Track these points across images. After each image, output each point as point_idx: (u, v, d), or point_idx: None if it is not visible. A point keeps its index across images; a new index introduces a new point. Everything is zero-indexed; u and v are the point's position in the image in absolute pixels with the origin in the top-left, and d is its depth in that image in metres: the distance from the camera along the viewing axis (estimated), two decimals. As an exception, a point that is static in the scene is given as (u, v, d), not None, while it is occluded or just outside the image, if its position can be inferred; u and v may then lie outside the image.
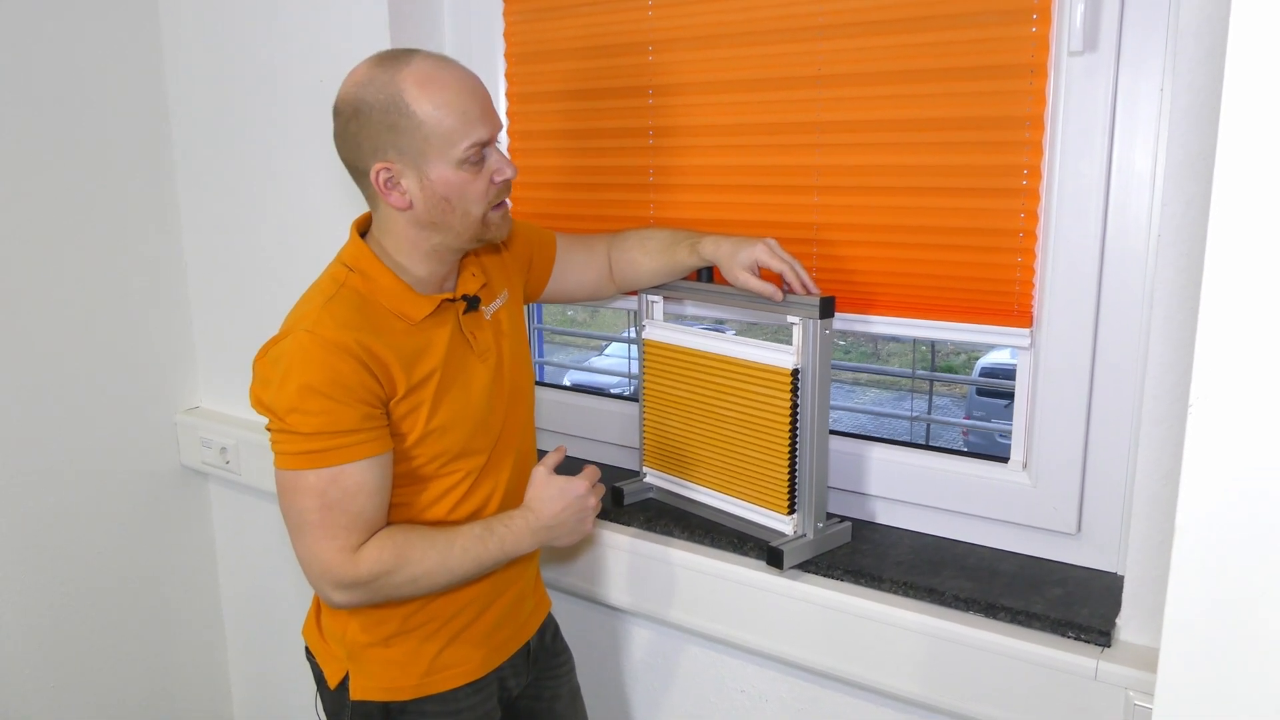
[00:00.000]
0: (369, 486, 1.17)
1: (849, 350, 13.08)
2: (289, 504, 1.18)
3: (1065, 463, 1.31)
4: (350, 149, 1.20)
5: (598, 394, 1.81)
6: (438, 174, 1.17)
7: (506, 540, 1.25)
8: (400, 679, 1.30)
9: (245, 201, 2.00)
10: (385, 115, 1.15)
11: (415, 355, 1.21)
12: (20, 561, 1.93)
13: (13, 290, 1.86)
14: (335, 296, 1.18)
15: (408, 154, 1.16)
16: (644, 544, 1.50)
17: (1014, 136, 1.27)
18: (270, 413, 1.16)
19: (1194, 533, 0.72)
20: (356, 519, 1.17)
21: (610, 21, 1.58)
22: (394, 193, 1.19)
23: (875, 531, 1.46)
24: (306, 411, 1.13)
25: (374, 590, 1.19)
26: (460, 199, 1.19)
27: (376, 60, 1.19)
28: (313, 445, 1.14)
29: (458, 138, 1.16)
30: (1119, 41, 1.19)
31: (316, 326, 1.15)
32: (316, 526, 1.16)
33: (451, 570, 1.22)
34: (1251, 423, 0.69)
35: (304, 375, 1.13)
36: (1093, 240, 1.24)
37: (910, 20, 1.31)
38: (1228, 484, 0.70)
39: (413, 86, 1.15)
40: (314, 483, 1.15)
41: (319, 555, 1.17)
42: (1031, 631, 1.22)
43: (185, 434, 2.15)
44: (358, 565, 1.17)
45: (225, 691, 2.36)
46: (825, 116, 1.41)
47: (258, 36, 1.88)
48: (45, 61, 1.86)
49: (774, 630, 1.39)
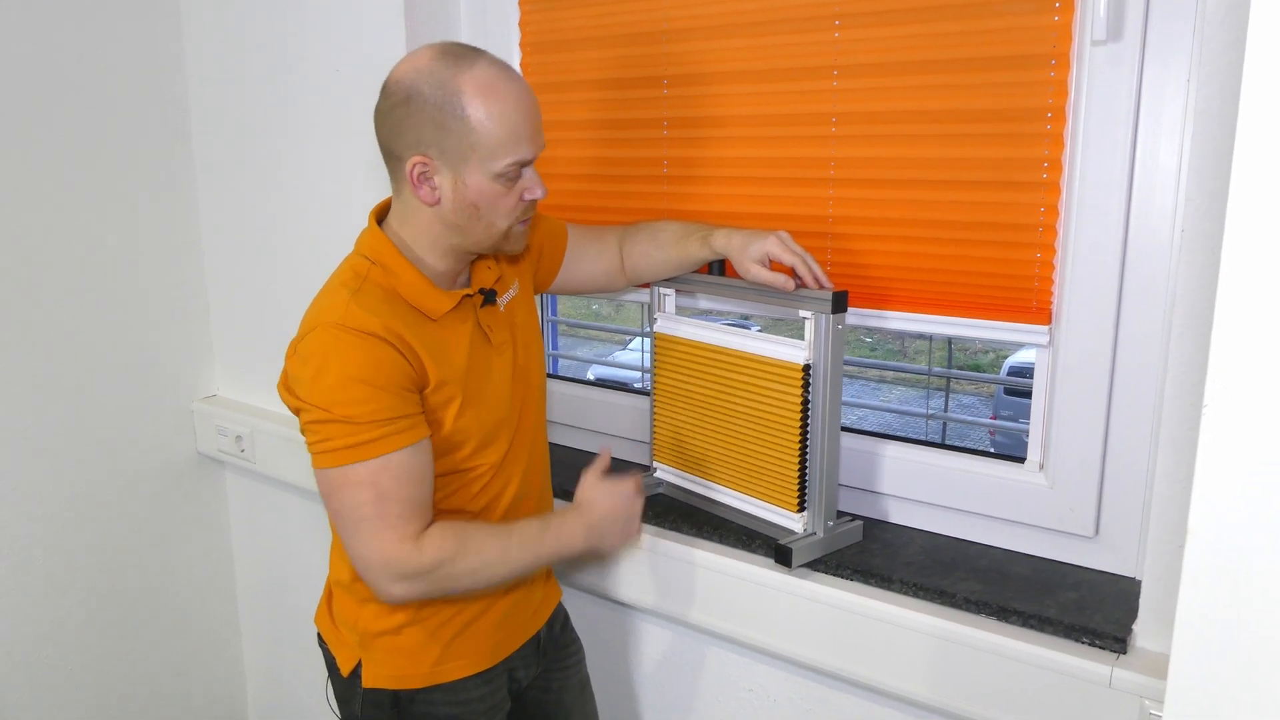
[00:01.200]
0: (418, 472, 1.16)
1: (875, 347, 12.99)
2: (340, 501, 1.15)
3: (1083, 464, 1.28)
4: (391, 131, 1.17)
5: (609, 387, 1.79)
6: (473, 181, 1.16)
7: (562, 536, 1.25)
8: (410, 668, 1.29)
9: (262, 191, 2.00)
10: (436, 112, 1.13)
11: (442, 350, 1.20)
12: (36, 547, 1.94)
13: (32, 278, 1.87)
14: (360, 289, 1.17)
15: (448, 154, 1.15)
16: (653, 539, 1.48)
17: (1034, 129, 1.24)
18: (311, 408, 1.13)
19: (1207, 537, 0.69)
20: (410, 506, 1.15)
21: (625, 11, 1.56)
22: (424, 187, 1.17)
23: (887, 531, 1.44)
24: (348, 403, 1.11)
25: (436, 580, 1.17)
26: (489, 209, 1.18)
27: (441, 52, 1.16)
28: (358, 437, 1.12)
29: (503, 152, 1.15)
30: (1144, 30, 1.15)
31: (347, 318, 1.13)
32: (374, 519, 1.14)
33: (510, 563, 1.21)
34: (1268, 425, 0.66)
35: (343, 367, 1.11)
36: (1114, 236, 1.21)
37: (928, 9, 1.28)
38: (1242, 487, 0.67)
39: (472, 91, 1.13)
40: (364, 475, 1.13)
41: (380, 548, 1.14)
42: (1044, 636, 1.19)
43: (202, 422, 2.16)
44: (422, 553, 1.15)
45: (239, 678, 2.37)
46: (841, 108, 1.38)
47: (274, 26, 1.88)
48: (68, 52, 1.86)
49: (782, 629, 1.37)
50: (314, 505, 2.07)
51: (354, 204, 1.82)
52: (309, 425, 1.15)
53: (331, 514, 1.18)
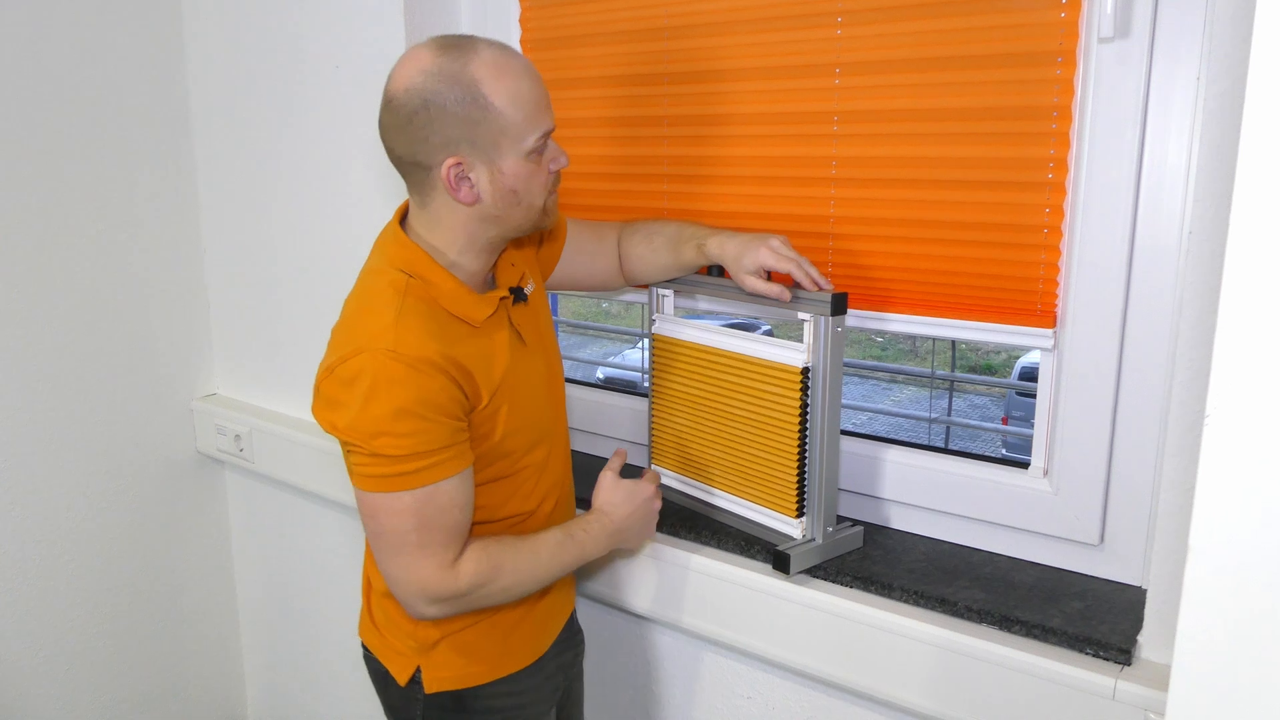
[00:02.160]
0: (460, 500, 1.15)
1: (886, 347, 12.94)
2: (381, 524, 1.14)
3: (1088, 470, 1.25)
4: (414, 143, 1.12)
5: (608, 389, 1.77)
6: (509, 166, 1.13)
7: (586, 544, 1.26)
8: (475, 665, 1.29)
9: (263, 189, 1.98)
10: (460, 108, 1.09)
11: (488, 360, 1.19)
12: (35, 544, 1.93)
13: (32, 276, 1.86)
14: (405, 309, 1.13)
15: (481, 147, 1.11)
16: (651, 544, 1.46)
17: (1040, 128, 1.21)
18: (350, 436, 1.11)
19: (1209, 552, 0.67)
20: (451, 533, 1.15)
21: (626, 8, 1.54)
22: (463, 188, 1.14)
23: (889, 537, 1.41)
24: (398, 434, 1.09)
25: (470, 602, 1.19)
26: (527, 190, 1.17)
27: (438, 48, 1.11)
28: (406, 467, 1.10)
29: (530, 128, 1.13)
30: (1153, 28, 1.13)
31: (397, 344, 1.09)
32: (415, 546, 1.14)
33: (539, 578, 1.23)
34: (1271, 436, 0.63)
35: (393, 398, 1.08)
36: (1121, 238, 1.18)
37: (932, 5, 1.26)
38: (1245, 500, 0.65)
39: (487, 77, 1.10)
40: (409, 503, 1.12)
41: (418, 574, 1.15)
42: (1048, 646, 1.16)
43: (201, 420, 2.15)
44: (458, 579, 1.16)
45: (238, 677, 2.36)
46: (843, 106, 1.36)
47: (275, 23, 1.86)
48: (68, 49, 1.85)
49: (781, 637, 1.35)
50: (312, 504, 2.06)
51: (355, 201, 1.80)
52: (352, 449, 1.13)
53: (370, 534, 1.17)
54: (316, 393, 1.15)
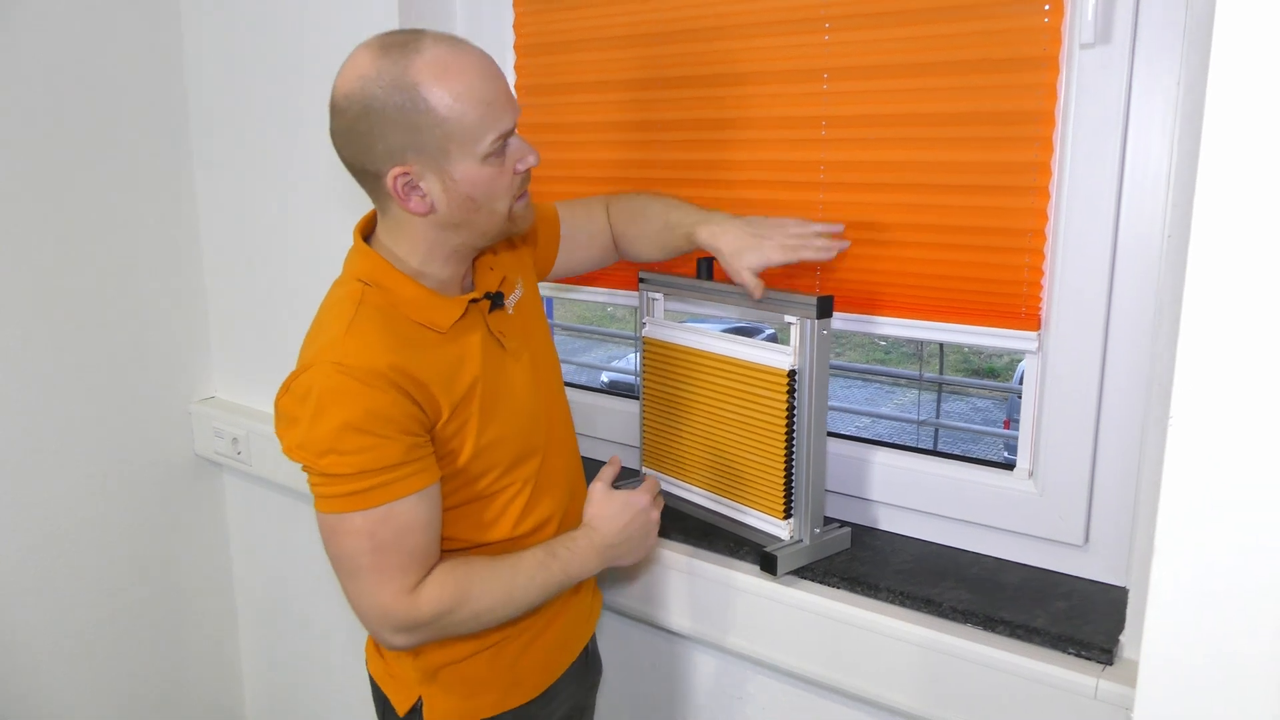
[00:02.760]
0: (421, 521, 1.07)
1: (890, 350, 12.92)
2: (337, 548, 1.08)
3: (1073, 471, 1.26)
4: (358, 151, 1.06)
5: (601, 391, 1.79)
6: (462, 172, 1.06)
7: (571, 564, 1.17)
8: (479, 697, 1.23)
9: (261, 195, 2.00)
10: (401, 114, 1.02)
11: (453, 369, 1.11)
12: (34, 548, 1.95)
13: (33, 280, 1.87)
14: (356, 318, 1.07)
15: (428, 154, 1.04)
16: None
17: (1024, 132, 1.22)
18: (301, 455, 1.05)
19: (1174, 552, 0.68)
20: (411, 557, 1.07)
21: (618, 14, 1.55)
22: (412, 197, 1.07)
23: (877, 538, 1.42)
24: (345, 451, 1.02)
25: (436, 630, 1.11)
26: (486, 196, 1.09)
27: (380, 48, 1.04)
28: (356, 485, 1.04)
29: (482, 131, 1.05)
30: (1134, 34, 1.14)
31: (344, 356, 1.03)
32: (370, 570, 1.06)
33: (516, 602, 1.14)
34: (1234, 439, 0.64)
35: (339, 413, 1.02)
36: (1104, 241, 1.19)
37: (918, 12, 1.27)
38: (1208, 502, 0.66)
39: (430, 78, 1.01)
40: (362, 524, 1.05)
41: (375, 600, 1.08)
42: (1031, 646, 1.17)
43: (199, 424, 2.17)
44: (418, 606, 1.08)
45: (236, 679, 2.38)
46: (832, 111, 1.37)
47: (272, 27, 1.88)
48: (67, 54, 1.87)
49: (770, 637, 1.36)
50: (309, 506, 2.07)
51: (353, 207, 1.81)
52: (306, 469, 1.07)
53: (330, 559, 1.10)
54: (275, 412, 1.10)
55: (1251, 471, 0.64)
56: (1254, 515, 0.65)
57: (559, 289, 1.76)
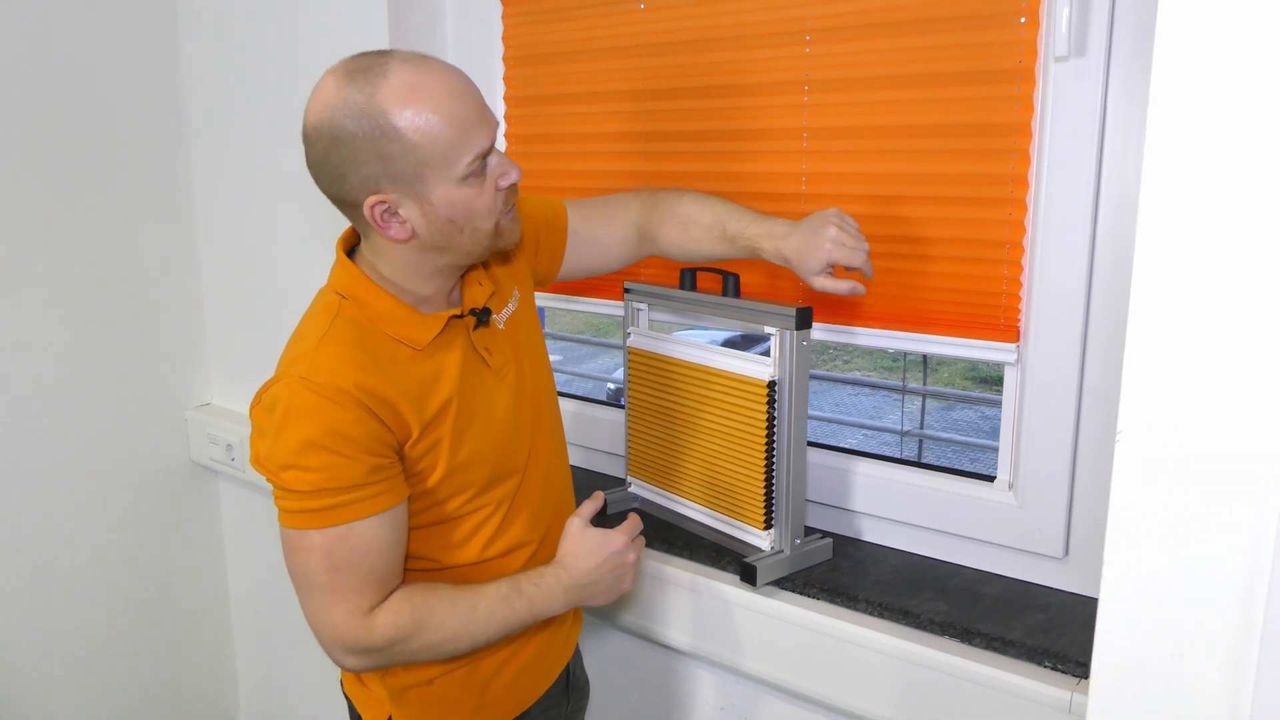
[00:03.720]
0: (380, 544, 1.05)
1: (897, 358, 12.89)
2: (294, 564, 1.06)
3: (1052, 483, 1.26)
4: (332, 181, 1.03)
5: (588, 400, 1.79)
6: (440, 196, 1.03)
7: (536, 600, 1.14)
8: (451, 717, 1.21)
9: (258, 204, 2.02)
10: (371, 144, 0.99)
11: (425, 388, 1.08)
12: (30, 551, 1.96)
13: (29, 285, 1.89)
14: (329, 332, 1.05)
15: (403, 181, 1.01)
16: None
17: (1001, 144, 1.23)
18: (265, 467, 1.04)
19: (1122, 568, 0.68)
20: (368, 579, 1.05)
21: (604, 26, 1.57)
22: (392, 225, 1.04)
23: (859, 549, 1.42)
24: (305, 468, 1.01)
25: (389, 656, 1.09)
26: (467, 217, 1.06)
27: (345, 74, 1.01)
28: (314, 503, 1.02)
29: (457, 152, 1.01)
30: (1109, 46, 1.14)
31: (311, 371, 1.02)
32: (324, 589, 1.05)
33: (474, 635, 1.11)
34: (1181, 454, 0.64)
35: (302, 428, 1.00)
36: (1081, 252, 1.20)
37: (898, 24, 1.28)
38: (1154, 516, 0.66)
39: (396, 105, 0.98)
40: (319, 542, 1.03)
41: (328, 619, 1.06)
42: (1007, 659, 1.17)
43: (195, 430, 2.18)
44: (371, 631, 1.06)
45: (232, 684, 2.39)
46: (812, 122, 1.37)
47: (268, 39, 1.90)
48: (64, 59, 1.89)
49: (751, 648, 1.36)
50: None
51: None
52: (269, 480, 1.05)
53: (289, 573, 1.08)
54: (250, 422, 1.09)
55: (1198, 486, 0.64)
56: (1201, 529, 0.65)
57: (549, 298, 1.76)
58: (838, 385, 11.23)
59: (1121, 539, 0.68)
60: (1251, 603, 0.63)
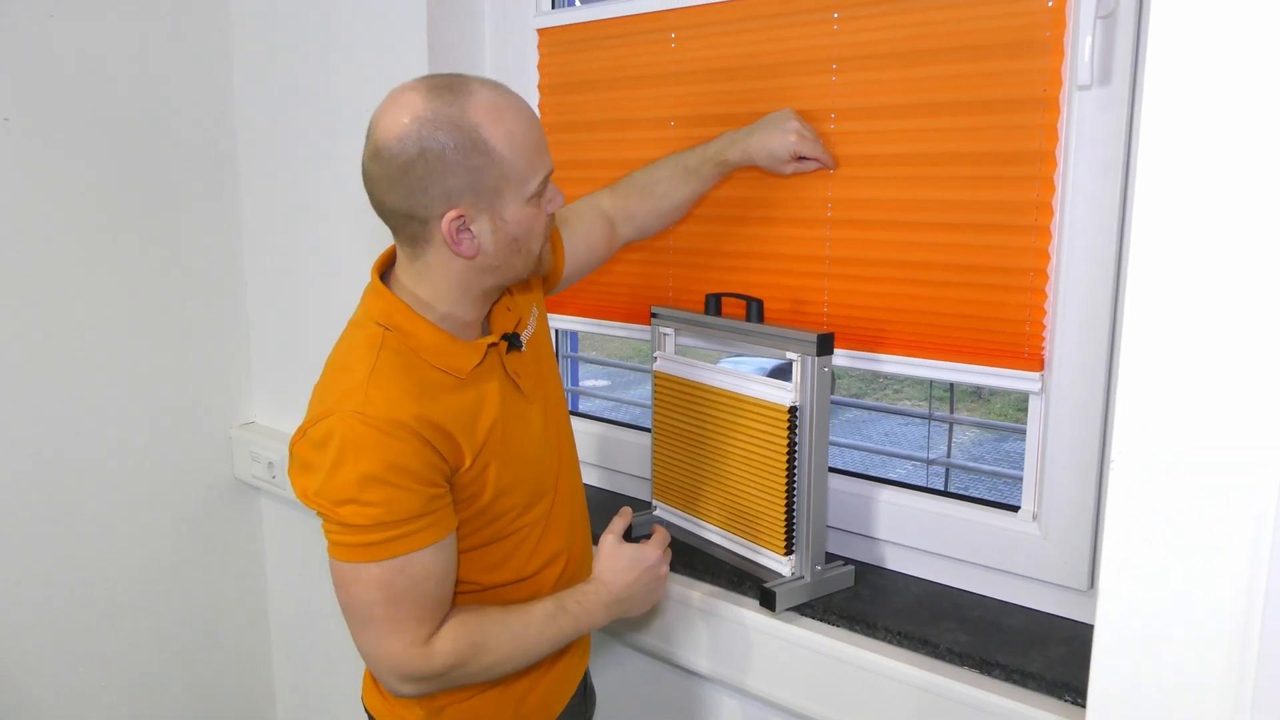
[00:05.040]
0: (436, 572, 1.06)
1: (945, 388, 12.71)
2: (350, 596, 1.06)
3: (1077, 515, 1.25)
4: (410, 195, 1.02)
5: (615, 424, 1.81)
6: (511, 213, 1.06)
7: (580, 617, 1.17)
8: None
9: (302, 230, 2.07)
10: (460, 155, 1.00)
11: (472, 414, 1.09)
12: (76, 563, 2.02)
13: (80, 304, 1.96)
14: (378, 365, 1.05)
15: (484, 196, 1.03)
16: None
17: (1026, 171, 1.22)
18: (318, 503, 1.03)
19: (1116, 595, 0.68)
20: (425, 608, 1.06)
21: (635, 54, 1.59)
22: (464, 240, 1.05)
23: (881, 577, 1.41)
24: (365, 502, 1.01)
25: (446, 682, 1.10)
26: (528, 237, 1.09)
27: (430, 90, 1.02)
28: (373, 536, 1.02)
29: (533, 171, 1.06)
30: (1134, 74, 1.14)
31: (365, 405, 1.01)
32: (383, 621, 1.05)
33: (527, 653, 1.13)
34: (1173, 480, 0.64)
35: (360, 464, 1.00)
36: (1106, 281, 1.18)
37: (922, 53, 1.28)
38: (1148, 544, 0.65)
39: (487, 119, 1.01)
40: (378, 575, 1.03)
41: (387, 651, 1.06)
42: (1026, 691, 1.16)
43: (239, 448, 2.24)
44: (431, 659, 1.06)
45: (269, 696, 2.43)
46: (838, 150, 1.38)
47: (314, 66, 1.96)
48: (121, 85, 1.97)
49: (769, 673, 1.35)
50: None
51: (387, 240, 1.87)
52: (321, 515, 1.05)
53: (341, 605, 1.08)
54: (290, 456, 1.08)
55: (1192, 514, 0.64)
56: (1195, 558, 0.64)
57: (582, 322, 1.78)
58: (886, 415, 11.09)
59: (1117, 567, 0.67)
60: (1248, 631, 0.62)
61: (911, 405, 11.92)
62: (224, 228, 2.18)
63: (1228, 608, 0.64)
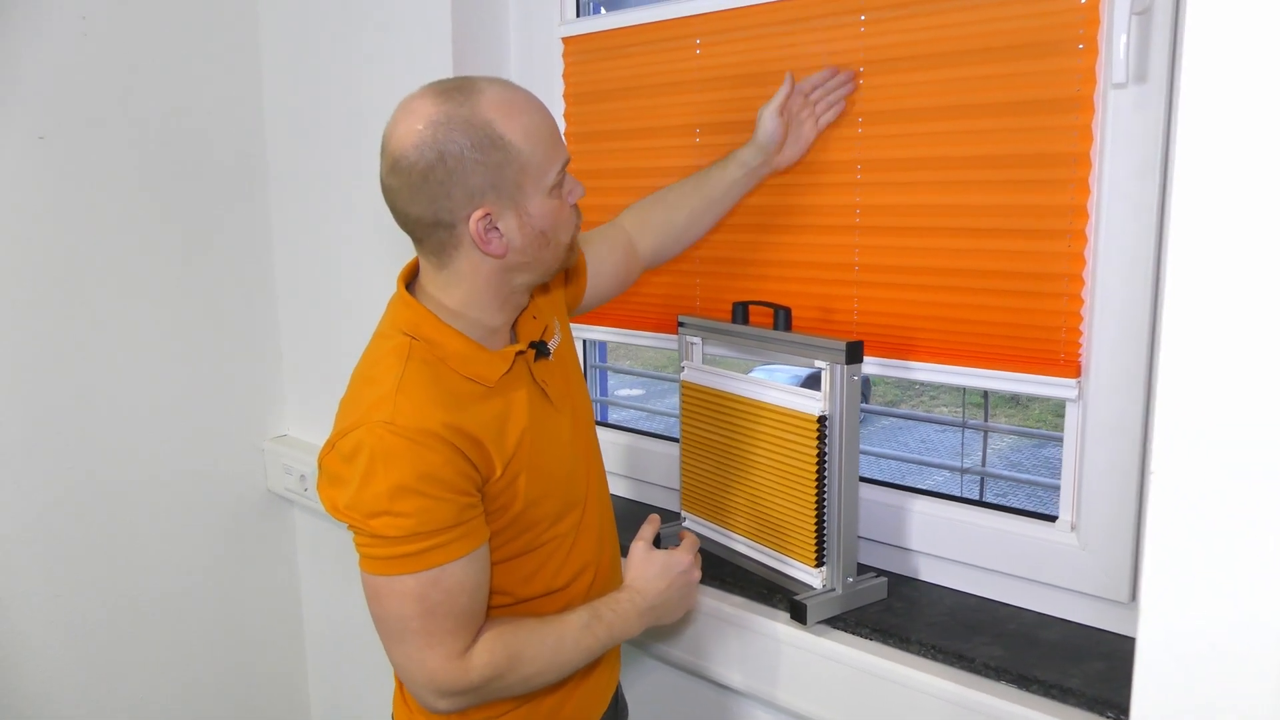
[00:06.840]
0: (471, 583, 1.05)
1: (979, 396, 12.57)
2: (384, 609, 1.04)
3: (1117, 525, 1.21)
4: (433, 201, 1.02)
5: (643, 434, 1.79)
6: (535, 207, 1.06)
7: (615, 626, 1.16)
8: None
9: (333, 244, 2.08)
10: (478, 154, 1.01)
11: (501, 424, 1.08)
12: (113, 573, 2.04)
13: (114, 318, 1.98)
14: (406, 374, 1.04)
15: (506, 192, 1.03)
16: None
17: (1060, 175, 1.20)
18: (349, 516, 1.02)
19: (1160, 610, 0.65)
20: (461, 621, 1.05)
21: (660, 63, 1.58)
22: (493, 239, 1.05)
23: (915, 589, 1.38)
24: (397, 513, 1.00)
25: (483, 695, 1.08)
26: (554, 229, 1.09)
27: (439, 94, 1.02)
28: (407, 548, 1.01)
29: (550, 162, 1.05)
30: (1171, 72, 1.11)
31: (395, 415, 1.00)
32: (418, 634, 1.03)
33: (562, 665, 1.12)
34: (1214, 488, 0.61)
35: (391, 475, 0.99)
36: (1144, 285, 1.15)
37: (951, 55, 1.26)
38: (1190, 556, 0.63)
39: (500, 116, 1.01)
40: (413, 587, 1.02)
41: (424, 664, 1.05)
42: (1064, 707, 1.12)
43: (272, 461, 2.25)
44: (468, 672, 1.05)
45: (303, 708, 2.43)
46: (866, 155, 1.36)
47: (340, 78, 1.97)
48: (158, 107, 1.99)
49: (800, 687, 1.33)
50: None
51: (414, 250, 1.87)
52: (353, 528, 1.04)
53: (374, 619, 1.06)
54: (320, 469, 1.07)
55: (1237, 523, 0.61)
56: (1241, 569, 0.61)
57: (611, 332, 1.77)
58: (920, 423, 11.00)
59: (1160, 579, 0.65)
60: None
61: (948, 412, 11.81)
62: (255, 243, 2.20)
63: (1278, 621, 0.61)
